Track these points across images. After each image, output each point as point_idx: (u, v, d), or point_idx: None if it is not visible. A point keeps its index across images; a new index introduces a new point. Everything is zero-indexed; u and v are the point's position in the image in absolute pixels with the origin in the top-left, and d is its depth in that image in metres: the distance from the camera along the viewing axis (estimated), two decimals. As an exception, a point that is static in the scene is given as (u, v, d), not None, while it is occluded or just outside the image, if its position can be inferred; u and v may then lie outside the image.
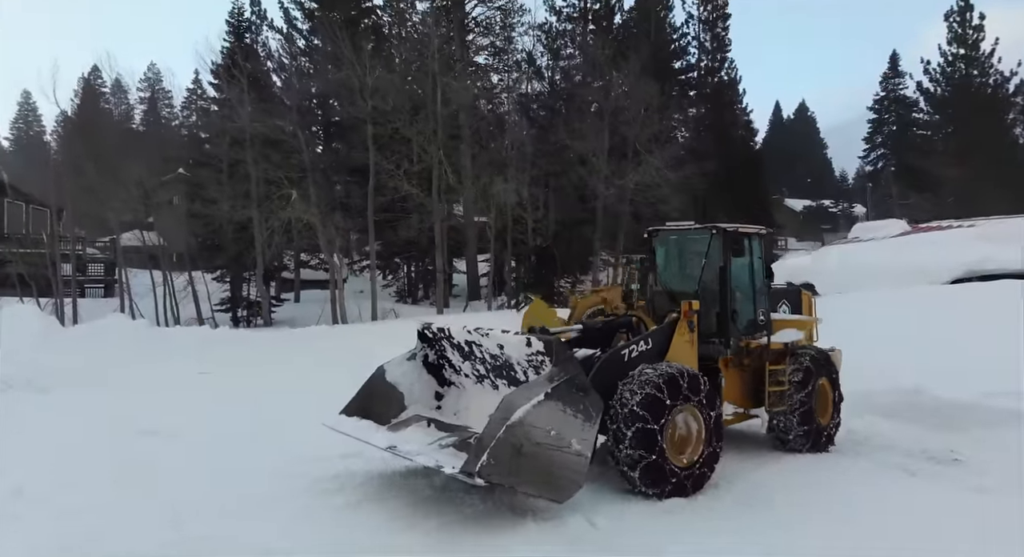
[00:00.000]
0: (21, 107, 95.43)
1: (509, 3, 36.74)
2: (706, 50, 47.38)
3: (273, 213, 25.11)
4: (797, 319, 8.83)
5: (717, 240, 7.84)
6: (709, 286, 7.86)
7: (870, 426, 9.31)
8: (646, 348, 6.93)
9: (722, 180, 34.61)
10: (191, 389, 12.20)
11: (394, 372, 7.08)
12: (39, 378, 12.42)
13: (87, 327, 18.69)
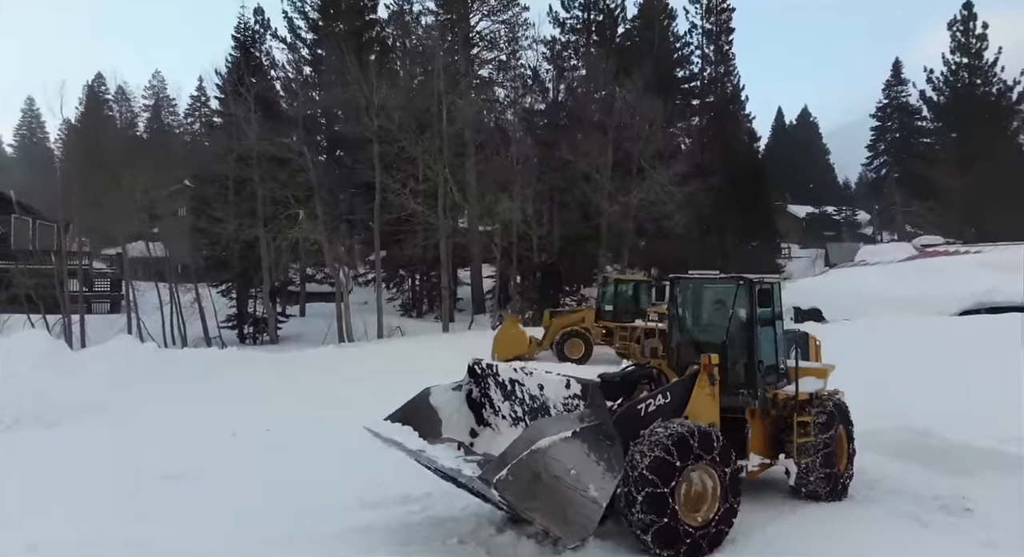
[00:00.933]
0: (25, 113, 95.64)
1: (514, 17, 37.02)
2: (709, 60, 47.52)
3: (280, 232, 25.18)
4: (816, 367, 8.76)
5: (744, 291, 7.85)
6: (735, 337, 7.88)
7: (880, 468, 9.28)
8: (664, 402, 6.80)
9: (726, 191, 34.66)
10: (205, 421, 12.19)
11: (439, 397, 7.24)
12: (48, 413, 12.41)
13: (96, 351, 18.67)
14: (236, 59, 31.57)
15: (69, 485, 8.29)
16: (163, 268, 30.09)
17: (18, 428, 11.80)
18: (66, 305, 25.27)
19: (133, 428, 11.67)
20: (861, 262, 27.57)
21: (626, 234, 30.24)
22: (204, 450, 9.85)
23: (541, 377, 6.60)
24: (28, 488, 8.21)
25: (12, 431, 11.62)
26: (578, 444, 5.63)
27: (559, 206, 30.66)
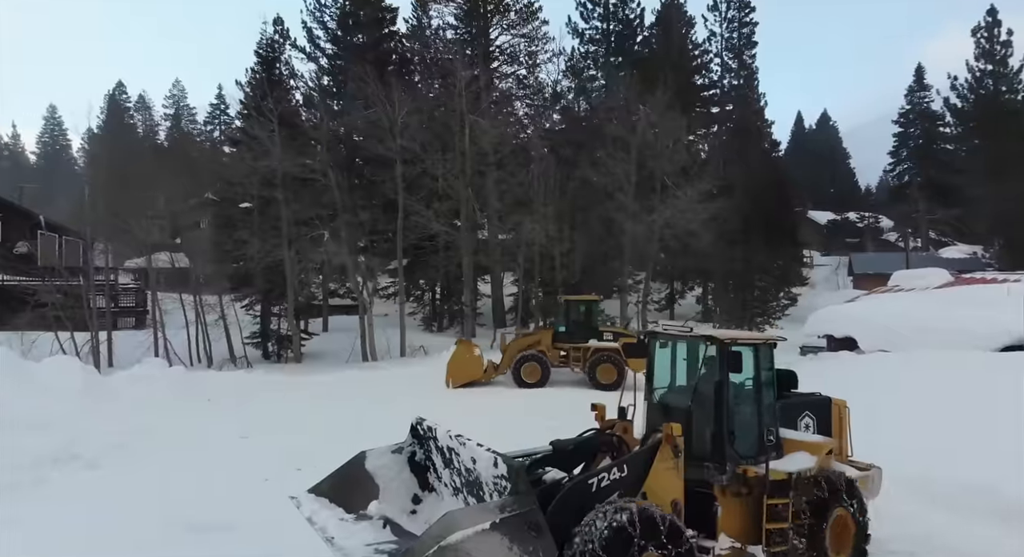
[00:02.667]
0: (47, 121, 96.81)
1: (534, 31, 36.96)
2: (729, 68, 47.25)
3: (304, 254, 25.28)
4: (811, 441, 7.62)
5: (712, 351, 7.10)
6: (704, 402, 7.07)
7: (930, 523, 8.70)
8: (620, 476, 6.17)
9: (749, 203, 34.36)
10: (235, 463, 12.18)
11: (374, 462, 6.62)
12: (87, 451, 12.54)
13: (126, 377, 18.91)
14: (259, 77, 31.70)
15: (93, 534, 8.26)
16: (186, 279, 30.35)
17: (55, 468, 11.86)
18: (95, 325, 25.50)
19: (164, 470, 11.67)
20: (895, 287, 27.14)
21: (650, 251, 30.02)
22: (235, 497, 9.78)
23: (473, 450, 5.96)
24: (56, 536, 8.21)
25: (50, 472, 11.66)
26: (497, 537, 5.01)
27: (581, 225, 30.46)
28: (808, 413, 8.08)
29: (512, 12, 37.75)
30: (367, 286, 29.76)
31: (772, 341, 7.50)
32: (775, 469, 7.01)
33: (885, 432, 11.79)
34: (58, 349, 24.45)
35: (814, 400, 8.33)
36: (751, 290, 31.90)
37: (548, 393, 19.65)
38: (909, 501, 9.03)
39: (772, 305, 32.90)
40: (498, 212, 29.79)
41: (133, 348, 25.80)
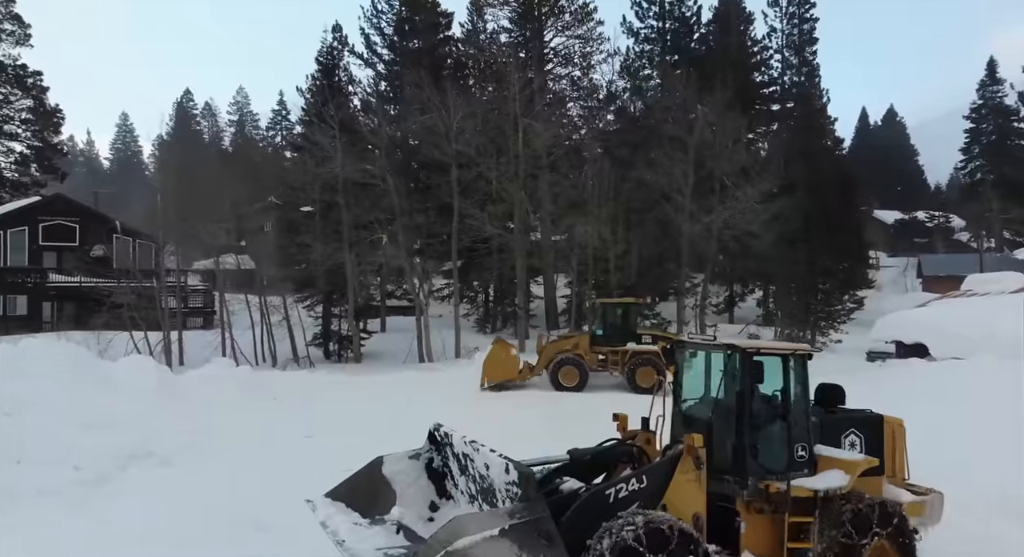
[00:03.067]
0: (119, 128, 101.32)
1: (588, 32, 36.82)
2: (789, 65, 46.03)
3: (364, 257, 25.84)
4: (847, 458, 7.10)
5: (733, 362, 6.90)
6: (726, 413, 6.89)
7: (1008, 543, 8.45)
8: (639, 487, 6.02)
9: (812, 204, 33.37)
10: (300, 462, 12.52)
11: (392, 467, 6.53)
12: (161, 448, 13.11)
13: (196, 377, 19.66)
14: (320, 84, 32.55)
15: (167, 530, 8.58)
16: (251, 281, 31.40)
17: (132, 465, 12.42)
18: (167, 326, 26.62)
19: (233, 468, 12.07)
20: (968, 292, 25.95)
21: (708, 253, 29.49)
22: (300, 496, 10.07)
23: (487, 456, 5.85)
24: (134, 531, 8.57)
25: (126, 469, 12.21)
26: (506, 543, 4.87)
27: (637, 227, 30.11)
28: (854, 431, 7.63)
29: (567, 14, 37.76)
30: (423, 288, 30.23)
31: (804, 352, 7.19)
32: (800, 486, 6.69)
33: (958, 444, 11.37)
34: (132, 349, 25.62)
35: (863, 417, 7.89)
36: (814, 293, 30.91)
37: (586, 397, 19.50)
38: (988, 519, 8.71)
39: (837, 309, 31.84)
40: (551, 214, 29.78)
41: (202, 348, 26.86)
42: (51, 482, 10.75)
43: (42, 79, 46.76)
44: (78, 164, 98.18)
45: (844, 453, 7.25)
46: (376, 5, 41.25)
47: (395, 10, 41.43)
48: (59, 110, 48.31)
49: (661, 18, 43.13)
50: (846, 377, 20.54)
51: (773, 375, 7.01)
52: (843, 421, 7.70)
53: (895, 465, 7.77)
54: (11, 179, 46.46)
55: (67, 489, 10.70)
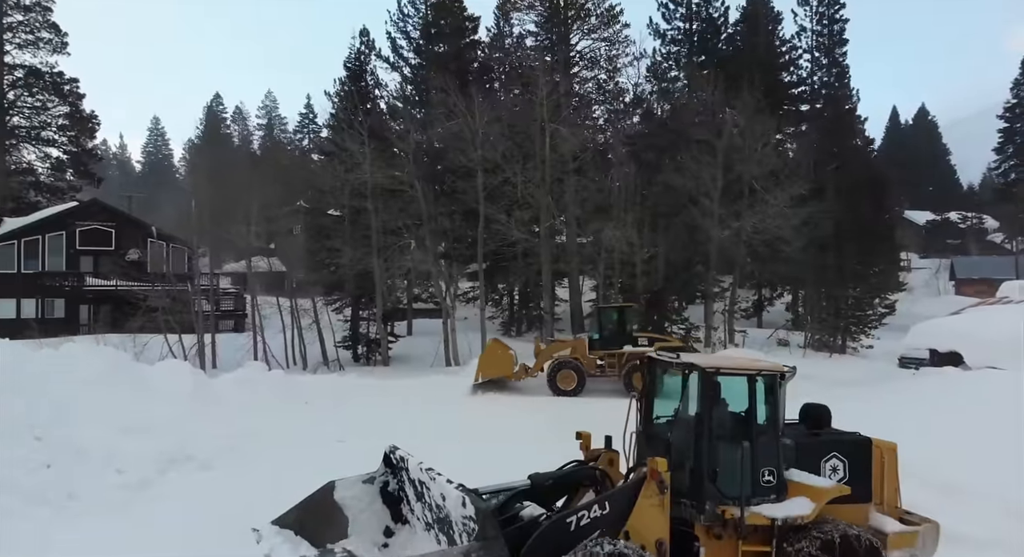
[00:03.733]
0: (151, 132, 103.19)
1: (615, 34, 36.77)
2: (819, 64, 45.47)
3: (393, 262, 26.13)
4: (817, 485, 6.73)
5: (694, 381, 6.67)
6: (685, 435, 6.67)
7: None
8: (601, 514, 5.84)
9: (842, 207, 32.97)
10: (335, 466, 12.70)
11: (343, 492, 6.28)
12: (199, 452, 13.41)
13: (231, 381, 20.02)
14: (348, 89, 32.95)
15: (210, 532, 8.74)
16: (281, 283, 31.91)
17: (172, 469, 12.73)
18: (200, 329, 27.15)
19: (271, 472, 12.31)
20: (1003, 298, 25.48)
21: (737, 257, 29.29)
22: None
23: (443, 486, 5.67)
24: (178, 533, 8.83)
25: (167, 472, 12.52)
26: None
27: (664, 231, 29.98)
28: (837, 455, 7.20)
29: (593, 17, 37.77)
30: (449, 291, 30.48)
31: (774, 371, 6.80)
32: (757, 513, 6.41)
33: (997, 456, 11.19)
34: (167, 352, 26.17)
35: (847, 440, 7.42)
36: (845, 298, 30.53)
37: (582, 402, 19.61)
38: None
39: (868, 313, 31.41)
40: (577, 218, 29.81)
41: (234, 351, 27.37)
42: (95, 486, 11.09)
43: (78, 86, 47.89)
44: (111, 167, 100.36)
45: (815, 479, 6.86)
46: (403, 9, 41.68)
47: (422, 14, 41.78)
48: (94, 116, 49.44)
49: (688, 19, 42.93)
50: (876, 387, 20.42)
51: (735, 395, 6.69)
52: (825, 444, 7.29)
53: (884, 492, 7.35)
54: (48, 184, 47.64)
55: (111, 493, 11.02)
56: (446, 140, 29.71)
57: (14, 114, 47.34)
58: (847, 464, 7.18)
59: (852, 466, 7.19)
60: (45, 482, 10.69)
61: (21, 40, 47.14)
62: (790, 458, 6.84)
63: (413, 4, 41.74)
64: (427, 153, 33.82)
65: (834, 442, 7.32)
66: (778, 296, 40.71)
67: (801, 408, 7.72)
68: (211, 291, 31.23)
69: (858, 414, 15.65)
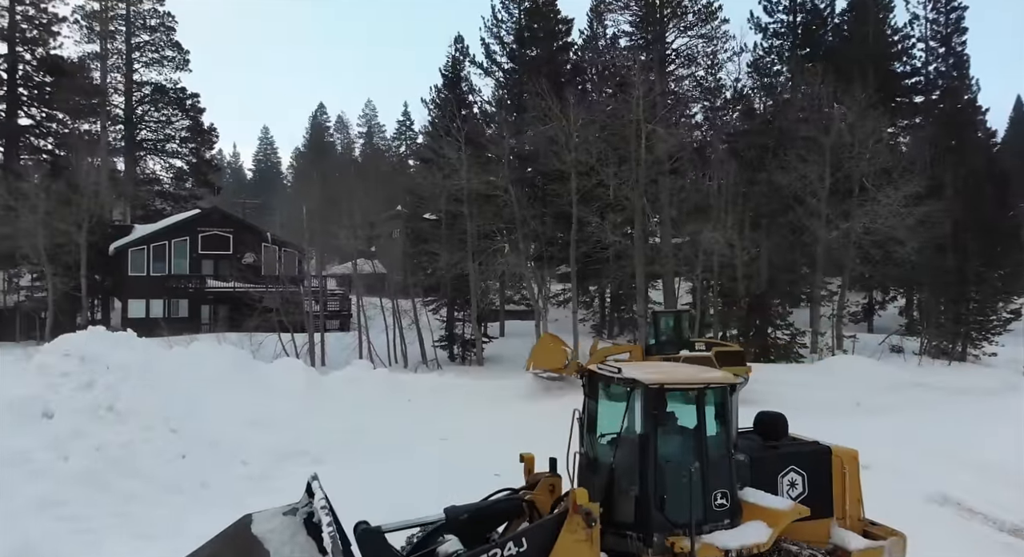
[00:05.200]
0: (261, 141, 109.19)
1: (713, 30, 35.95)
2: (935, 54, 42.67)
3: (487, 265, 26.64)
4: (775, 507, 6.12)
5: (637, 399, 5.96)
6: (628, 458, 5.97)
7: None
8: (518, 551, 5.34)
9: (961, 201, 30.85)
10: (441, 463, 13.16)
11: (262, 526, 5.72)
12: (313, 447, 14.22)
13: (340, 378, 21.07)
14: (444, 97, 33.87)
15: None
16: (383, 285, 33.25)
17: (288, 462, 13.54)
18: (311, 329, 28.69)
19: (380, 467, 12.91)
20: None
21: (846, 260, 27.95)
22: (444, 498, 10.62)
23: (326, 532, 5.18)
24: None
25: (283, 465, 13.33)
26: None
27: (767, 232, 28.98)
28: (795, 468, 6.67)
29: (690, 14, 37.04)
30: (541, 294, 30.80)
31: (724, 383, 6.25)
32: (710, 543, 5.80)
33: None
34: (281, 350, 27.78)
35: (805, 452, 6.89)
36: (966, 302, 28.51)
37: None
38: None
39: (991, 318, 29.21)
40: (673, 219, 29.33)
41: (340, 350, 28.74)
42: (225, 476, 12.03)
43: (199, 100, 51.57)
44: (225, 175, 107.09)
45: (772, 500, 6.26)
46: (497, 15, 42.31)
47: (515, 19, 42.28)
48: (214, 129, 53.12)
49: (791, 12, 41.31)
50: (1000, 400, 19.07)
51: (684, 412, 6.16)
52: (782, 457, 6.72)
53: (845, 504, 6.88)
54: (171, 193, 51.54)
55: (238, 483, 11.92)
56: (539, 144, 29.97)
57: (142, 128, 51.61)
58: (806, 477, 6.70)
59: (812, 479, 6.71)
60: (181, 472, 11.72)
61: (148, 58, 51.35)
62: (744, 476, 6.32)
63: (507, 9, 42.37)
64: (519, 156, 34.25)
65: (791, 455, 6.80)
66: (891, 300, 38.47)
67: (755, 417, 7.21)
68: (320, 292, 32.89)
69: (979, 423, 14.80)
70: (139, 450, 11.56)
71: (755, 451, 6.67)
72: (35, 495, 9.87)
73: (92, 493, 10.52)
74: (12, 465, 10.06)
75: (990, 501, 11.38)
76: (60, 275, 34.47)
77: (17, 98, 45.81)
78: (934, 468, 12.77)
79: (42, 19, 47.10)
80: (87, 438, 11.09)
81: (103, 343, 13.46)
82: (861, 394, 20.78)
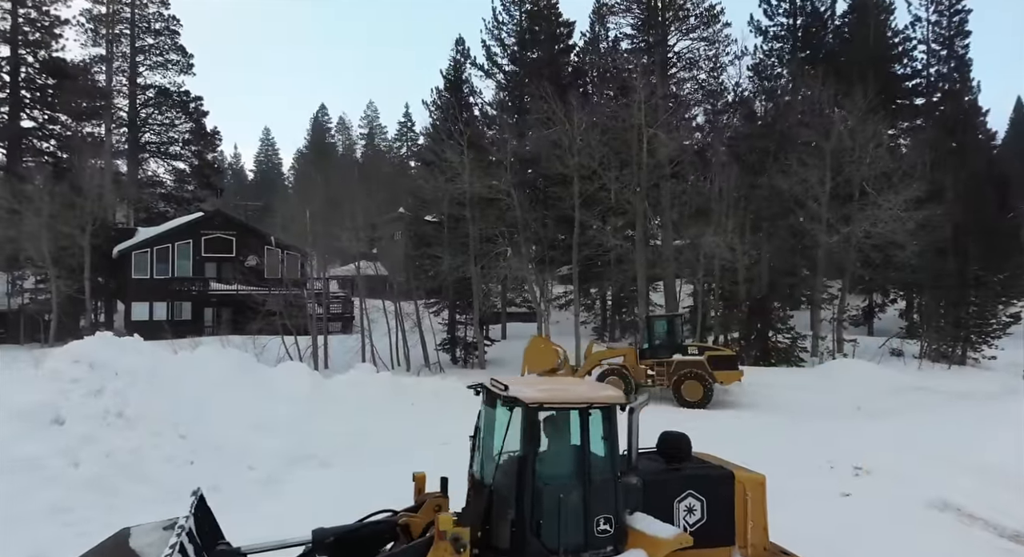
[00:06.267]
0: (262, 142, 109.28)
1: (715, 34, 36.12)
2: (937, 56, 42.80)
3: (489, 268, 26.76)
4: (657, 535, 5.86)
5: (516, 417, 5.71)
6: (506, 480, 5.77)
7: None
8: None
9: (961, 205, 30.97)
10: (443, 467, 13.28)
11: (140, 539, 5.53)
12: (320, 450, 14.36)
13: (344, 381, 21.19)
14: (445, 99, 34.02)
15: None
16: (385, 287, 33.40)
17: (296, 465, 13.69)
18: (315, 331, 28.82)
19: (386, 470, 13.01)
20: None
21: (847, 263, 28.08)
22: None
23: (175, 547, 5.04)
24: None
25: (292, 469, 13.47)
26: None
27: (768, 236, 29.13)
28: (693, 492, 6.45)
29: (692, 17, 37.21)
30: (543, 297, 30.96)
31: (611, 402, 5.96)
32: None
33: None
34: (284, 353, 27.91)
35: (705, 475, 6.67)
36: (966, 305, 28.62)
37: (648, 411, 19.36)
38: None
39: (991, 322, 29.31)
40: (674, 223, 29.49)
41: (343, 353, 28.85)
42: (233, 480, 12.13)
43: (202, 103, 51.78)
44: (226, 176, 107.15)
45: (657, 528, 5.94)
46: (498, 17, 42.45)
47: (516, 21, 42.41)
48: (217, 132, 53.37)
49: (792, 15, 41.47)
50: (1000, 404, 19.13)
51: (565, 432, 5.94)
52: (680, 481, 6.48)
53: (749, 532, 6.63)
54: (174, 195, 51.73)
55: (246, 487, 12.04)
56: (541, 147, 30.15)
57: (146, 131, 51.80)
58: (705, 503, 6.44)
59: (711, 505, 6.46)
60: (189, 477, 11.85)
61: (152, 62, 51.56)
62: (635, 499, 6.03)
63: (508, 11, 42.52)
64: (521, 159, 34.44)
65: (690, 478, 6.55)
66: (891, 302, 38.60)
67: (659, 437, 6.98)
68: (324, 295, 33.03)
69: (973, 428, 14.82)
70: (148, 456, 11.73)
71: (652, 474, 6.40)
72: (46, 501, 10.03)
73: (102, 498, 10.69)
74: (24, 471, 10.21)
75: (991, 506, 11.38)
76: (64, 278, 34.65)
77: (19, 100, 45.99)
78: (934, 472, 12.76)
79: (44, 22, 47.34)
80: (97, 444, 11.24)
81: (111, 349, 13.59)
82: (861, 398, 20.85)
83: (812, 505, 11.49)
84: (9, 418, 10.91)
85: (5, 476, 10.08)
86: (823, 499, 11.90)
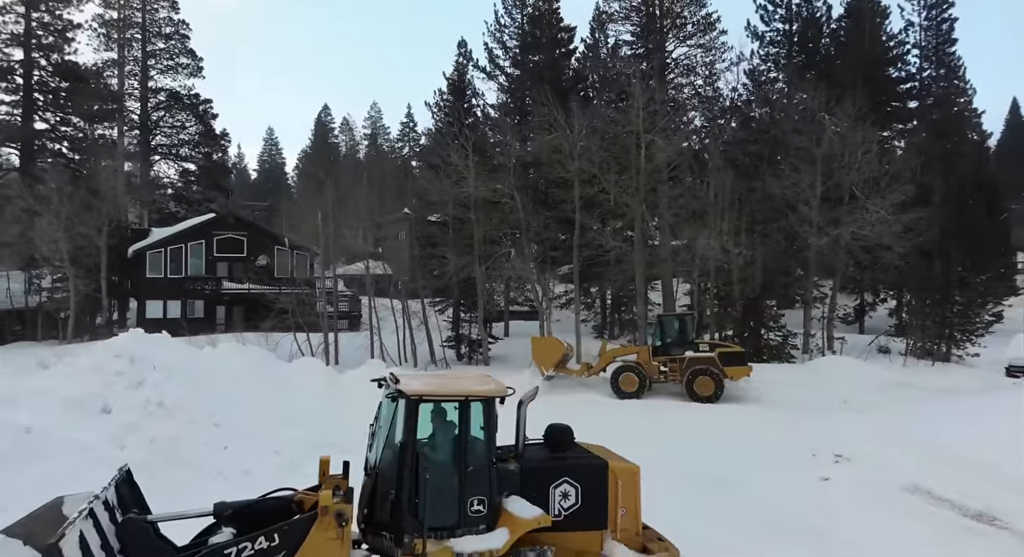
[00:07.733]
0: (266, 142, 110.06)
1: (711, 41, 37.08)
2: (929, 59, 43.76)
3: (493, 269, 27.74)
4: (519, 516, 6.55)
5: (399, 408, 6.49)
6: (390, 463, 6.51)
7: None
8: (268, 545, 5.63)
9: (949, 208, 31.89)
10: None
11: (71, 507, 5.71)
12: (340, 440, 15.39)
13: (356, 376, 22.23)
14: (451, 105, 35.03)
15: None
16: (391, 285, 34.44)
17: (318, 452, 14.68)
18: (326, 329, 29.88)
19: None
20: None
21: (837, 265, 29.12)
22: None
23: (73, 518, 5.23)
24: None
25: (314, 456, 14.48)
26: None
27: (761, 238, 30.16)
28: (568, 480, 7.03)
29: (689, 24, 38.17)
30: (545, 296, 32.01)
31: (488, 395, 6.65)
32: (447, 547, 6.32)
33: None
34: (297, 350, 28.98)
35: (580, 464, 7.22)
36: (951, 305, 29.62)
37: (644, 405, 20.63)
38: None
39: (975, 321, 30.29)
40: (672, 225, 30.49)
41: (353, 350, 29.90)
42: (262, 465, 13.23)
43: (211, 106, 52.79)
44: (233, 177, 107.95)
45: (523, 509, 6.64)
46: (500, 19, 43.39)
47: (518, 23, 43.33)
48: (226, 134, 54.37)
49: (788, 20, 42.45)
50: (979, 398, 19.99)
51: (444, 421, 6.70)
52: (557, 469, 7.08)
53: (618, 518, 7.17)
54: (184, 196, 52.75)
55: (273, 471, 13.11)
56: (543, 151, 31.14)
57: (157, 133, 52.82)
58: (580, 489, 7.00)
59: (585, 491, 7.02)
60: (224, 461, 12.97)
61: (163, 66, 52.55)
62: (513, 484, 6.74)
63: (510, 14, 43.43)
64: (524, 162, 35.43)
65: (566, 467, 7.12)
66: (881, 301, 39.64)
67: (545, 429, 7.58)
68: (335, 293, 34.07)
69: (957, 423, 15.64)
70: (186, 442, 12.82)
71: (533, 461, 7.09)
72: (99, 481, 11.10)
73: (146, 481, 11.74)
74: (79, 454, 11.29)
75: (960, 490, 12.20)
76: (82, 277, 35.67)
77: (32, 103, 46.98)
78: (911, 460, 13.52)
79: (57, 26, 48.26)
80: (141, 431, 12.35)
81: (148, 345, 14.69)
82: (848, 393, 21.63)
83: (792, 488, 12.53)
84: (63, 407, 12.00)
85: (63, 458, 11.15)
86: (803, 483, 12.90)
